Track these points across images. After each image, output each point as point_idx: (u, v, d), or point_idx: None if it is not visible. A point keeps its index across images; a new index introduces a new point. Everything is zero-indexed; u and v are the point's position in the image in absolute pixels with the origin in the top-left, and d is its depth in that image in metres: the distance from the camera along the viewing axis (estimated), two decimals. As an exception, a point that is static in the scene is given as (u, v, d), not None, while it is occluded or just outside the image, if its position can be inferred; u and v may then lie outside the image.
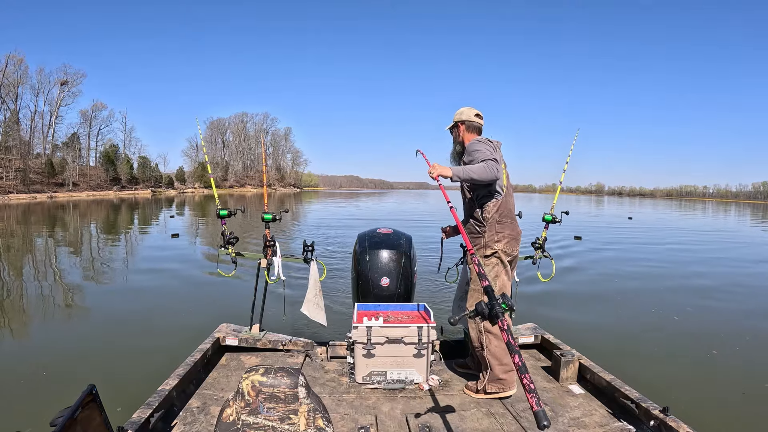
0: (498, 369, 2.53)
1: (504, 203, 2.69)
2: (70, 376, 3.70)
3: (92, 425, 1.53)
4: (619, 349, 4.58)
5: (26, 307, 6.09)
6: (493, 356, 2.54)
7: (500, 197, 2.68)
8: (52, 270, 8.71)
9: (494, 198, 2.68)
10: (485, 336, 2.57)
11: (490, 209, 2.66)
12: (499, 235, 2.66)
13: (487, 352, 2.55)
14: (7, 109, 53.85)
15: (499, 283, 2.61)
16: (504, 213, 2.69)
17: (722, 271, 9.77)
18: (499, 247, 2.64)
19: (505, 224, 2.68)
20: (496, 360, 2.53)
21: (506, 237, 2.66)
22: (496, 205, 2.67)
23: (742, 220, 33.30)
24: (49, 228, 17.33)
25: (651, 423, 2.17)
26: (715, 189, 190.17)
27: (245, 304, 3.56)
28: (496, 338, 2.54)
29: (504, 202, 2.69)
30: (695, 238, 16.35)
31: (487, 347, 2.55)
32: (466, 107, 2.96)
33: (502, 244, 2.64)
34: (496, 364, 2.53)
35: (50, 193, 50.25)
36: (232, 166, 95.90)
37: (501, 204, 2.68)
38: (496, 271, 2.63)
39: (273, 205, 32.90)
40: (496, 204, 2.67)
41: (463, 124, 2.90)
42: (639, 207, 51.08)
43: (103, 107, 67.82)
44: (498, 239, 2.65)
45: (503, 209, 2.69)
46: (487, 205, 2.67)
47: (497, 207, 2.67)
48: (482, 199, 2.69)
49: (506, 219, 2.69)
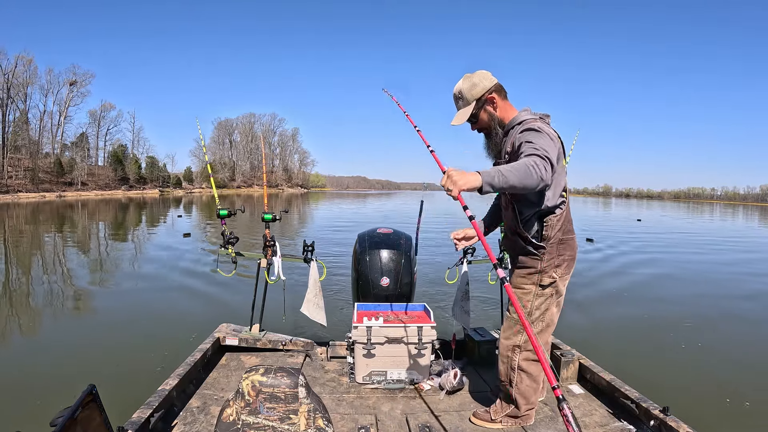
0: (525, 408, 2.23)
1: (566, 215, 2.05)
2: (70, 376, 3.73)
3: (92, 425, 1.55)
4: (619, 349, 4.56)
5: (27, 307, 6.16)
6: (522, 395, 2.20)
7: (563, 208, 2.03)
8: (57, 269, 8.80)
9: (558, 209, 2.00)
10: (517, 374, 2.18)
11: (552, 226, 1.99)
12: (560, 258, 2.05)
13: (516, 390, 2.19)
14: (16, 109, 54.56)
15: (547, 318, 2.13)
16: (567, 229, 2.06)
17: (724, 272, 9.71)
18: (558, 273, 2.05)
19: (568, 243, 2.06)
20: (524, 399, 2.20)
21: (567, 259, 2.07)
22: (560, 220, 2.00)
23: (750, 223, 32.98)
24: (57, 227, 17.50)
25: (651, 423, 2.16)
26: (723, 191, 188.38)
27: (245, 304, 3.57)
28: (529, 377, 2.17)
29: (566, 212, 2.06)
30: (704, 240, 16.25)
31: (517, 386, 2.19)
32: (476, 73, 2.08)
33: (562, 269, 2.06)
34: (523, 403, 2.21)
35: (59, 192, 50.74)
36: (239, 166, 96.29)
37: (564, 217, 2.03)
38: (548, 303, 2.10)
39: (279, 206, 32.97)
40: (560, 218, 2.00)
41: (493, 92, 2.06)
42: (647, 209, 50.69)
43: (111, 107, 68.54)
44: (558, 263, 2.05)
45: (566, 224, 2.05)
46: (548, 221, 1.99)
47: (561, 222, 2.01)
48: (537, 212, 2.00)
49: (569, 236, 2.07)
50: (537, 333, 2.12)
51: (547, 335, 2.23)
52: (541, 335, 2.17)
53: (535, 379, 2.17)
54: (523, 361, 2.15)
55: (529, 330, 1.23)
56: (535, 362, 2.14)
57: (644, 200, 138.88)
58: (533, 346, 1.23)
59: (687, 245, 14.55)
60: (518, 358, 2.15)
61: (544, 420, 2.31)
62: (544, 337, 2.21)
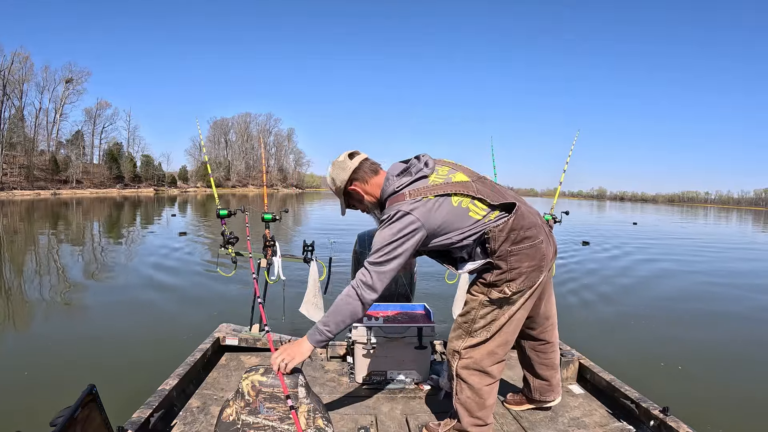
0: (467, 421, 1.96)
1: (516, 222, 1.79)
2: (70, 376, 3.71)
3: (92, 425, 1.54)
4: (619, 349, 4.58)
5: (26, 306, 6.11)
6: (463, 406, 1.96)
7: (504, 220, 1.79)
8: (54, 268, 8.74)
9: (499, 223, 1.79)
10: (456, 382, 1.96)
11: (495, 238, 1.77)
12: (514, 272, 1.79)
13: (457, 400, 1.98)
14: (12, 106, 54.24)
15: (494, 328, 1.88)
16: (520, 237, 1.79)
17: (726, 273, 9.76)
18: (513, 288, 1.81)
19: (523, 254, 1.79)
20: (466, 412, 1.95)
21: (526, 271, 1.80)
22: (502, 230, 1.77)
23: (743, 226, 33.22)
24: (52, 225, 17.41)
25: (651, 423, 2.17)
26: (717, 195, 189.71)
27: (245, 304, 3.56)
28: (470, 389, 1.93)
29: (516, 220, 1.79)
30: (699, 243, 16.34)
31: (458, 395, 1.97)
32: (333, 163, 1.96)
33: (518, 283, 1.80)
34: (465, 415, 1.96)
35: (54, 190, 50.55)
36: (234, 166, 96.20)
37: (510, 227, 1.77)
38: (496, 314, 1.87)
39: (274, 206, 32.97)
40: (503, 227, 1.77)
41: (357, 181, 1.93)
42: (641, 212, 50.96)
43: (107, 105, 68.41)
44: (512, 277, 1.80)
45: (518, 232, 1.78)
46: (491, 233, 1.78)
47: (505, 232, 1.77)
48: (466, 245, 1.84)
49: (522, 245, 1.79)
50: (480, 342, 1.92)
51: (493, 345, 1.91)
52: (484, 345, 1.92)
53: (477, 392, 1.92)
54: (462, 369, 1.94)
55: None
56: (477, 373, 1.92)
57: (639, 203, 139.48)
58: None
59: (685, 247, 14.63)
60: (456, 365, 1.96)
61: (544, 420, 2.31)
62: (488, 347, 1.92)
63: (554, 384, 2.33)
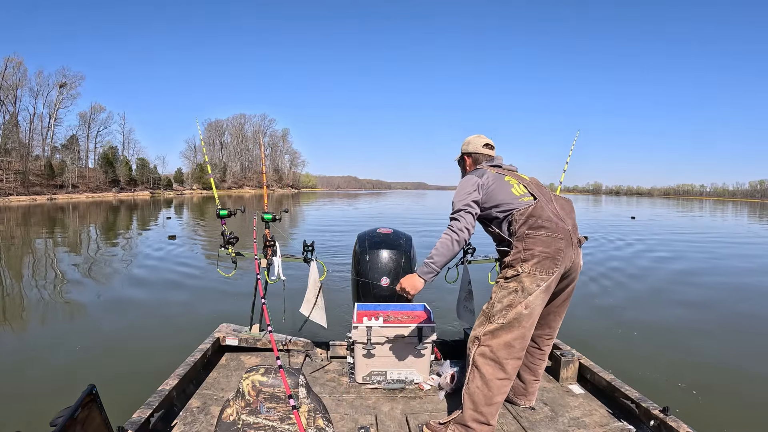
0: (469, 414, 2.01)
1: (535, 211, 2.08)
2: (70, 376, 3.70)
3: (92, 425, 1.54)
4: (619, 349, 4.58)
5: (26, 308, 6.08)
6: (470, 397, 2.02)
7: (526, 205, 2.10)
8: (52, 271, 8.70)
9: (520, 207, 2.11)
10: (471, 369, 2.05)
11: (516, 221, 2.09)
12: (527, 252, 2.02)
13: (466, 389, 2.05)
14: (6, 112, 53.89)
15: (511, 315, 1.99)
16: (536, 225, 2.05)
17: (726, 271, 9.77)
18: (525, 268, 2.01)
19: (537, 239, 2.02)
20: (471, 403, 2.01)
21: (537, 255, 2.00)
22: (523, 214, 2.07)
23: (739, 218, 33.32)
24: (49, 230, 17.32)
25: (651, 423, 2.17)
26: (713, 187, 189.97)
27: (245, 304, 3.55)
28: (482, 378, 2.01)
29: (535, 209, 2.08)
30: (697, 237, 16.36)
31: (468, 384, 2.05)
32: (474, 135, 2.48)
33: (530, 264, 2.00)
34: (470, 406, 2.01)
35: (50, 195, 50.19)
36: (230, 167, 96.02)
37: (529, 213, 2.07)
38: (511, 299, 2.01)
39: (271, 206, 32.88)
40: (524, 212, 2.08)
41: (470, 156, 2.46)
42: (638, 206, 51.07)
43: (101, 109, 67.90)
44: (525, 257, 2.02)
45: (535, 220, 2.06)
46: (513, 216, 2.11)
47: (525, 216, 2.07)
48: (498, 218, 2.17)
49: (538, 231, 2.04)
50: (498, 329, 2.00)
51: (510, 335, 2.00)
52: (502, 333, 2.01)
53: (488, 384, 1.99)
54: (478, 356, 2.03)
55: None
56: (492, 363, 2.00)
57: (634, 197, 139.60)
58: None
59: (684, 242, 14.61)
60: (474, 352, 2.05)
61: (544, 420, 2.31)
62: (506, 337, 2.00)
63: (530, 391, 2.42)
